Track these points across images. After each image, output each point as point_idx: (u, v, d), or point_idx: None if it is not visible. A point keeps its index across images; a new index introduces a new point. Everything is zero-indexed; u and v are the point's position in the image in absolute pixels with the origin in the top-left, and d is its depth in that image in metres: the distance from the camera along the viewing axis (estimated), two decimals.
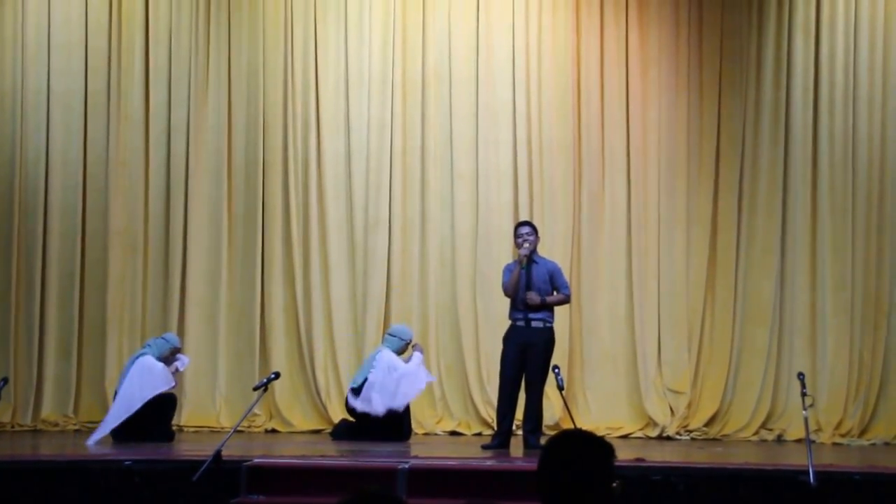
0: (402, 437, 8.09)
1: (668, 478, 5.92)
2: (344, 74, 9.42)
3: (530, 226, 7.55)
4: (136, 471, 6.07)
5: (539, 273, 7.36)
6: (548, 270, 7.41)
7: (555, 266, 7.55)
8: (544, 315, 7.33)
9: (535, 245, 7.45)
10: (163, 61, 9.44)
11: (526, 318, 7.30)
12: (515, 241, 7.57)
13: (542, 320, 7.32)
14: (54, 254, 9.32)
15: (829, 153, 9.00)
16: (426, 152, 9.35)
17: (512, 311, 7.43)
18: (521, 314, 7.33)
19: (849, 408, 8.72)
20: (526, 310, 7.29)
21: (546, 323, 7.33)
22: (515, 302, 7.36)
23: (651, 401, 8.95)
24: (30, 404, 9.12)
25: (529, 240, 7.37)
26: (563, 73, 9.33)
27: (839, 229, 8.92)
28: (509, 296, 7.45)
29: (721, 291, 9.10)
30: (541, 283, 7.33)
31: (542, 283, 7.34)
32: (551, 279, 7.39)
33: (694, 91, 9.25)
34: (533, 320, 7.30)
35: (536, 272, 7.35)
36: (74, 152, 9.40)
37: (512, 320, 7.43)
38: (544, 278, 7.36)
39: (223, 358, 9.25)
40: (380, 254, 9.26)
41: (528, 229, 7.45)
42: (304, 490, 5.95)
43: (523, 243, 7.36)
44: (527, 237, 7.37)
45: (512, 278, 7.36)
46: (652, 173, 9.24)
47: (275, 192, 9.38)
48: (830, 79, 9.01)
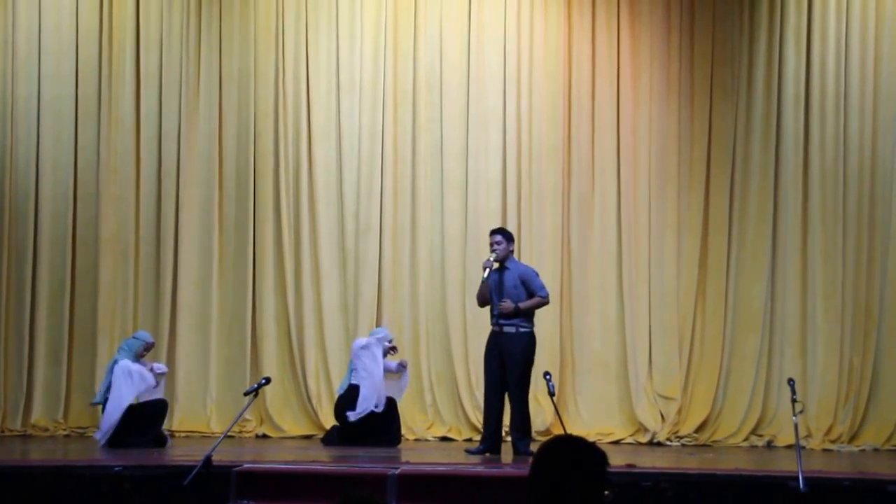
0: (392, 443, 8.09)
1: (658, 484, 5.92)
2: (335, 81, 9.44)
3: (501, 234, 7.50)
4: (127, 476, 6.07)
5: (509, 279, 7.35)
6: (518, 276, 7.38)
7: (527, 271, 7.49)
8: (517, 321, 7.31)
9: (506, 252, 7.40)
10: (154, 68, 9.44)
11: (499, 325, 7.32)
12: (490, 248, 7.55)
13: (515, 325, 7.30)
14: (45, 260, 9.31)
15: (819, 160, 9.03)
16: (417, 159, 9.37)
17: (490, 318, 7.46)
18: (495, 321, 7.37)
19: (839, 414, 8.74)
20: (499, 316, 7.30)
21: (519, 328, 7.30)
22: (491, 309, 7.39)
23: (642, 407, 8.96)
24: (20, 410, 9.10)
25: (497, 249, 7.36)
26: (553, 80, 9.35)
27: (830, 236, 8.95)
28: (480, 306, 7.53)
29: (712, 298, 9.12)
30: (511, 290, 7.32)
31: (512, 288, 7.33)
32: (524, 284, 7.35)
33: (685, 97, 9.28)
34: (505, 326, 7.30)
35: (507, 279, 7.35)
36: (65, 158, 9.39)
37: (491, 326, 7.46)
38: (515, 283, 7.34)
39: (214, 363, 9.24)
40: (370, 260, 9.27)
41: (498, 237, 7.43)
42: (293, 495, 5.95)
43: (493, 252, 7.37)
44: (496, 246, 7.37)
45: (480, 289, 7.41)
46: (642, 179, 9.26)
47: (266, 199, 9.38)
48: (821, 86, 9.05)
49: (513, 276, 7.35)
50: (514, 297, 7.28)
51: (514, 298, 7.28)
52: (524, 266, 7.61)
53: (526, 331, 7.33)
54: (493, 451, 7.30)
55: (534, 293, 7.36)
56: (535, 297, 7.36)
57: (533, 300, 7.36)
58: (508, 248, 7.42)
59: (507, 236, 7.47)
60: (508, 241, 7.44)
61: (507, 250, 7.41)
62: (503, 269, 7.39)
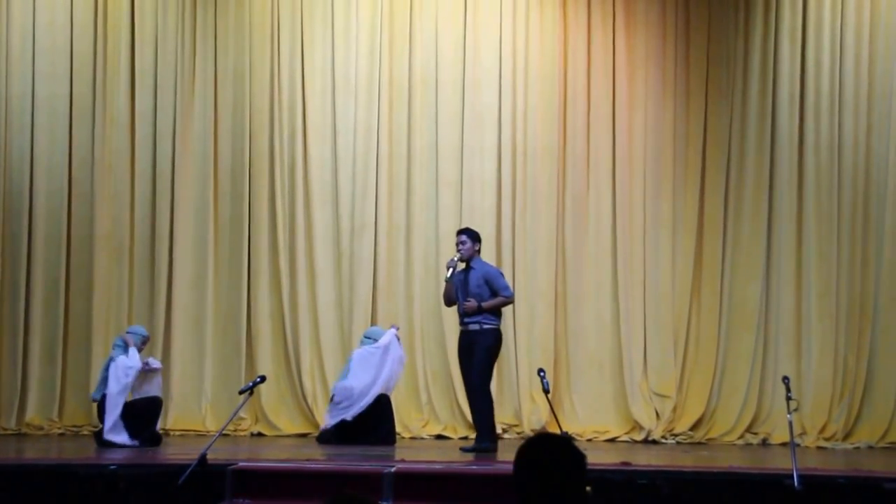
0: (386, 441, 8.09)
1: (653, 481, 5.93)
2: (330, 80, 9.43)
3: (466, 234, 7.53)
4: (122, 475, 6.05)
5: (473, 279, 7.39)
6: (482, 275, 7.41)
7: (490, 271, 7.51)
8: (480, 318, 7.34)
9: (471, 252, 7.43)
10: (148, 66, 9.42)
11: (465, 323, 7.40)
12: None
13: (479, 322, 7.34)
14: (39, 258, 9.29)
15: (814, 159, 9.05)
16: (412, 157, 9.37)
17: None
18: (461, 320, 7.44)
19: (833, 412, 8.76)
20: (464, 315, 7.38)
21: (483, 325, 7.34)
22: (458, 308, 7.46)
23: (637, 405, 8.97)
24: (14, 408, 9.08)
25: (462, 249, 7.40)
26: (549, 78, 9.36)
27: (824, 234, 8.97)
28: (446, 305, 7.63)
29: (707, 296, 9.13)
30: (475, 289, 7.35)
31: (476, 287, 7.36)
32: (487, 284, 7.38)
33: (680, 96, 9.29)
34: (470, 324, 7.36)
35: (471, 278, 7.39)
36: (59, 157, 9.38)
37: (459, 326, 7.56)
38: (479, 283, 7.38)
39: (209, 362, 9.23)
40: (366, 258, 9.27)
41: (462, 237, 7.48)
42: (289, 494, 5.94)
43: (459, 252, 7.41)
44: (460, 246, 7.42)
45: (445, 289, 7.48)
46: (637, 178, 9.27)
47: (261, 197, 9.38)
48: (816, 85, 9.07)
49: (477, 276, 7.40)
50: (478, 297, 7.32)
51: (479, 298, 7.32)
52: (488, 266, 7.64)
53: (490, 327, 7.36)
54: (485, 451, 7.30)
55: (497, 292, 7.39)
56: (498, 297, 7.38)
57: (496, 299, 7.38)
58: (473, 247, 7.46)
59: (471, 236, 7.51)
60: (473, 241, 7.48)
61: (473, 250, 7.45)
62: (468, 268, 7.43)
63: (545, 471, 2.49)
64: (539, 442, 2.57)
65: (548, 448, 2.54)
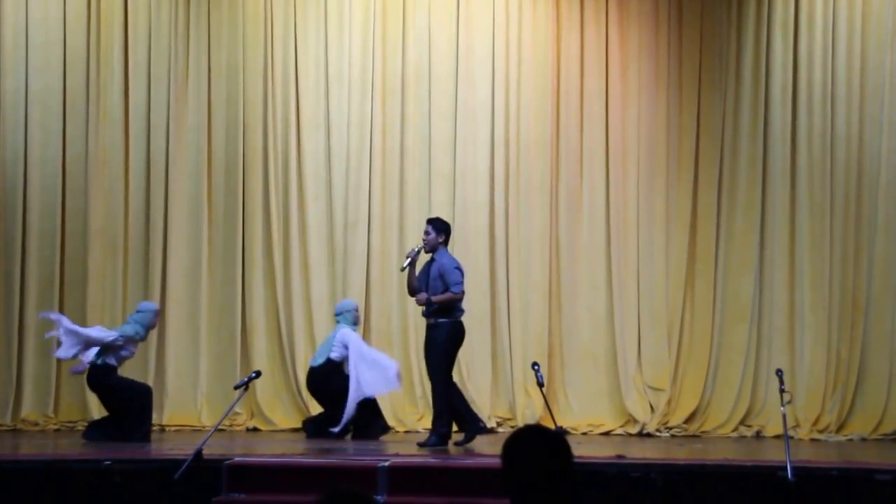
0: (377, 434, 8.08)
1: (647, 474, 5.96)
2: (324, 73, 9.42)
3: (432, 224, 7.49)
4: (117, 470, 6.06)
5: (433, 271, 7.38)
6: (439, 269, 7.36)
7: (447, 264, 7.39)
8: (436, 313, 7.33)
9: (435, 243, 7.39)
10: (142, 60, 9.40)
11: (425, 317, 7.41)
12: None
13: (434, 317, 7.34)
14: (34, 253, 9.28)
15: (807, 152, 9.07)
16: (405, 151, 9.37)
17: None
18: (423, 312, 7.43)
19: (826, 404, 8.79)
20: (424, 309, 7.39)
21: (438, 319, 7.32)
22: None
23: (631, 398, 9.00)
24: (9, 404, 9.08)
25: (425, 239, 7.38)
26: (542, 72, 9.36)
27: (817, 227, 8.99)
28: (410, 295, 7.60)
29: (700, 289, 9.15)
30: (435, 280, 7.34)
31: (435, 279, 7.35)
32: (441, 277, 7.35)
33: (673, 89, 9.30)
34: (428, 319, 7.38)
35: (432, 270, 7.37)
36: (53, 151, 9.36)
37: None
38: (436, 275, 7.36)
39: (204, 357, 9.23)
40: (359, 252, 9.27)
41: (428, 227, 7.45)
42: (285, 488, 5.96)
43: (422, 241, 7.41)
44: (424, 236, 7.40)
45: (408, 279, 7.45)
46: (631, 171, 9.29)
47: (255, 191, 9.37)
48: (809, 78, 9.08)
49: (436, 268, 7.37)
50: (434, 289, 7.30)
51: (434, 290, 7.30)
52: (448, 258, 7.49)
53: (445, 321, 7.32)
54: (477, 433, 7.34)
55: (448, 287, 7.33)
56: (447, 293, 7.31)
57: (445, 295, 7.31)
58: (438, 238, 7.40)
59: (437, 227, 7.44)
60: (438, 232, 7.41)
61: (437, 241, 7.40)
62: (431, 260, 7.40)
63: (531, 462, 2.52)
64: (524, 434, 2.60)
65: (533, 440, 2.57)
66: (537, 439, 2.58)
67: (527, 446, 2.56)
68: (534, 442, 2.57)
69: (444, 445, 7.29)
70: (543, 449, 2.55)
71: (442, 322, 7.32)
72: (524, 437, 2.59)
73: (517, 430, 2.66)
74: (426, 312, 7.37)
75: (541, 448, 2.55)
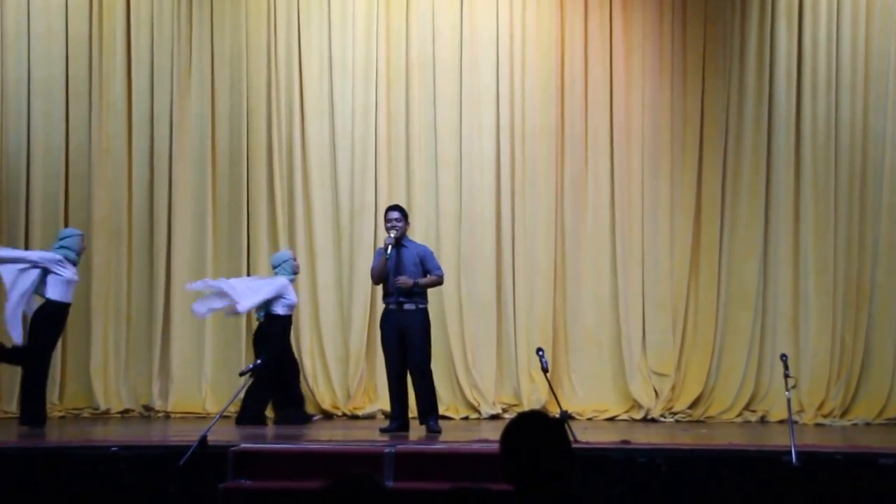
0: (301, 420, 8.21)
1: (652, 459, 5.97)
2: (328, 60, 9.40)
3: (400, 210, 7.49)
4: (123, 456, 6.08)
5: (409, 257, 7.37)
6: (417, 254, 7.40)
7: (425, 249, 7.51)
8: (417, 298, 7.35)
9: (404, 230, 7.42)
10: (145, 48, 9.39)
11: (398, 303, 7.35)
12: (385, 225, 7.51)
13: (415, 303, 7.34)
14: (37, 242, 9.26)
15: (811, 138, 9.05)
16: (410, 138, 9.35)
17: (384, 296, 7.46)
18: (392, 298, 7.37)
19: (831, 389, 8.79)
20: (398, 294, 7.33)
21: (419, 305, 7.35)
22: (387, 287, 7.39)
23: (636, 383, 9.00)
24: (15, 392, 9.08)
25: (398, 226, 7.37)
26: (546, 58, 9.34)
27: (822, 213, 8.98)
28: (375, 283, 7.53)
29: (705, 275, 9.15)
30: (411, 267, 7.34)
31: (412, 265, 7.35)
32: (422, 262, 7.38)
33: (678, 76, 9.28)
34: (405, 304, 7.33)
35: (406, 256, 7.37)
36: (56, 140, 9.36)
37: (385, 304, 7.46)
38: (414, 261, 7.37)
39: (209, 344, 9.24)
40: (365, 239, 9.27)
41: (397, 214, 7.43)
42: (290, 474, 5.97)
43: (391, 229, 7.36)
44: (395, 223, 7.38)
45: (377, 266, 7.40)
46: (636, 158, 9.27)
47: (259, 179, 9.36)
48: (813, 64, 9.05)
49: (412, 254, 7.39)
50: (413, 274, 7.31)
51: (414, 275, 7.31)
52: (420, 244, 7.61)
53: (424, 307, 7.38)
54: (404, 429, 7.35)
55: (430, 271, 7.39)
56: (431, 276, 7.39)
57: (430, 278, 7.39)
58: (405, 225, 7.44)
59: (405, 214, 7.50)
60: (405, 219, 7.46)
61: (405, 228, 7.43)
62: (401, 246, 7.39)
63: (531, 449, 2.53)
64: (523, 421, 2.60)
65: (532, 427, 2.58)
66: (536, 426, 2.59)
67: (526, 433, 2.56)
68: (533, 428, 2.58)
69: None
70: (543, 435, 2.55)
71: (422, 308, 7.37)
72: (523, 424, 2.60)
73: (516, 416, 2.66)
74: (402, 299, 7.29)
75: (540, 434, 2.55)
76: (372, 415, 8.96)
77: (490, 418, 8.88)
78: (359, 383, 9.14)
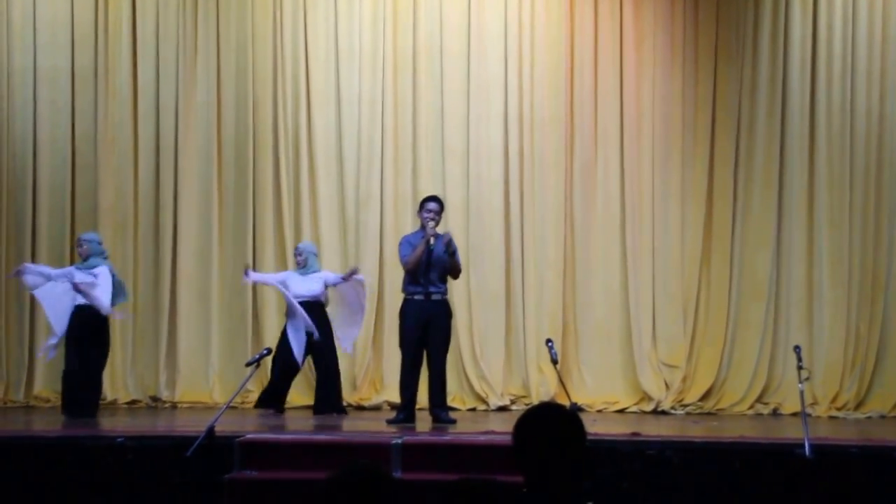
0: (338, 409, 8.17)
1: (663, 452, 5.90)
2: (334, 49, 9.33)
3: (438, 202, 7.48)
4: (129, 447, 6.05)
5: (440, 249, 7.36)
6: (445, 244, 7.40)
7: (450, 237, 7.52)
8: (444, 287, 7.39)
9: (438, 223, 7.43)
10: (150, 37, 9.34)
11: (426, 293, 7.33)
12: (421, 214, 7.46)
13: (441, 293, 7.36)
14: (43, 231, 9.27)
15: (826, 126, 8.93)
16: (417, 128, 9.27)
17: (408, 285, 7.40)
18: (420, 288, 7.34)
19: (845, 381, 8.70)
20: (426, 284, 7.29)
21: (444, 295, 7.40)
22: (415, 276, 7.34)
23: (646, 375, 8.92)
24: (22, 381, 9.10)
25: (437, 219, 7.36)
26: (555, 46, 9.24)
27: (836, 203, 8.87)
28: (410, 270, 7.40)
29: (717, 265, 9.05)
30: (442, 256, 7.34)
31: (443, 255, 7.35)
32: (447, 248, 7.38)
33: (689, 63, 9.16)
34: (433, 294, 7.33)
35: (438, 249, 7.36)
36: (62, 129, 9.33)
37: (408, 294, 7.40)
38: (443, 254, 7.37)
39: (216, 334, 9.21)
40: (372, 229, 9.20)
41: (436, 206, 7.41)
42: (297, 465, 5.93)
43: (430, 220, 7.31)
44: (435, 214, 7.36)
45: (416, 255, 7.31)
46: (646, 147, 9.17)
47: (265, 168, 9.31)
48: (828, 51, 8.93)
49: (441, 245, 7.39)
50: (441, 263, 7.35)
51: (442, 264, 7.36)
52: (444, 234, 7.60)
53: (447, 297, 7.43)
54: (411, 421, 7.30)
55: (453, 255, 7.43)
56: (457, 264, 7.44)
57: (458, 260, 7.45)
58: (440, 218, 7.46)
59: (442, 206, 7.52)
60: (442, 211, 7.48)
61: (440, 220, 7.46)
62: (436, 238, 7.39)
63: (544, 441, 2.49)
64: (537, 412, 2.57)
65: (546, 418, 2.54)
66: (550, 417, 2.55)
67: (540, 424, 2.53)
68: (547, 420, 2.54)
69: None
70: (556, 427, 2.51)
71: (446, 298, 7.44)
72: (537, 415, 2.56)
73: (530, 408, 2.63)
74: (432, 289, 7.31)
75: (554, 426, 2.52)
76: (378, 406, 8.90)
77: (497, 410, 8.82)
78: (365, 374, 9.08)
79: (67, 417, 7.63)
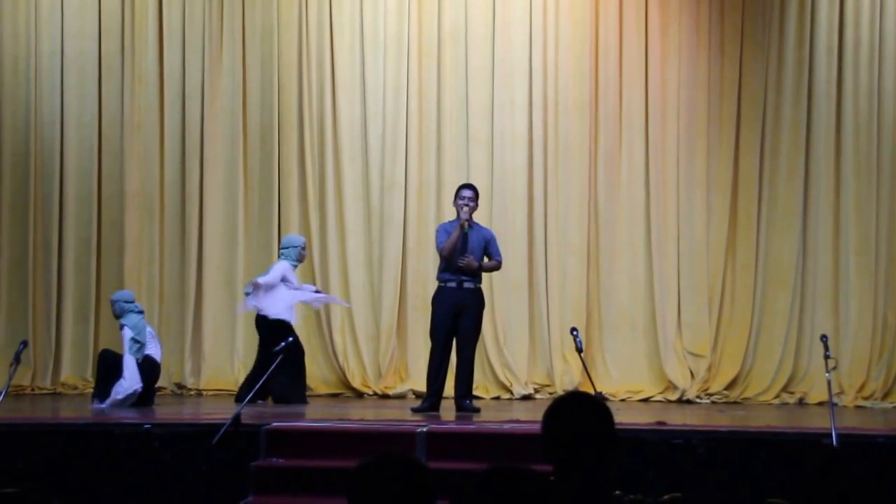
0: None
1: (689, 441, 5.89)
2: (359, 35, 9.31)
3: (473, 189, 7.46)
4: (156, 434, 6.09)
5: (475, 239, 7.35)
6: (483, 237, 7.40)
7: (490, 234, 7.54)
8: (476, 278, 7.36)
9: (474, 210, 7.40)
10: (176, 23, 9.36)
11: (458, 280, 7.32)
12: (456, 202, 7.45)
13: (474, 282, 7.35)
14: (71, 218, 9.33)
15: (853, 113, 8.84)
16: (442, 114, 9.25)
17: (442, 273, 7.40)
18: (452, 276, 7.33)
19: (872, 371, 8.63)
20: (459, 272, 7.29)
21: (476, 284, 7.37)
22: (449, 263, 7.33)
23: (671, 364, 8.89)
24: (49, 368, 9.17)
25: (471, 205, 7.34)
26: (580, 32, 9.18)
27: (863, 191, 8.78)
28: (445, 257, 7.38)
29: (742, 254, 8.99)
30: (476, 249, 7.33)
31: (477, 248, 7.34)
32: (486, 246, 7.39)
33: (715, 49, 9.08)
34: (465, 281, 7.32)
35: (473, 238, 7.35)
36: (89, 115, 9.37)
37: (441, 281, 7.40)
38: (480, 244, 7.36)
39: (241, 321, 9.22)
40: (396, 216, 9.20)
41: (471, 193, 7.40)
42: (322, 453, 5.96)
43: (464, 206, 7.31)
44: (469, 201, 7.34)
45: (451, 240, 7.30)
46: (671, 134, 9.11)
47: (290, 155, 9.32)
48: (855, 36, 8.83)
49: (478, 237, 7.40)
50: (477, 257, 7.34)
51: (478, 258, 7.34)
52: (485, 228, 7.66)
53: (481, 286, 7.42)
54: (436, 409, 7.30)
55: (491, 256, 7.44)
56: (492, 261, 7.45)
57: (491, 263, 7.46)
58: (476, 206, 7.43)
59: (477, 193, 7.48)
60: (477, 199, 7.45)
61: (476, 208, 7.43)
62: (468, 226, 7.36)
63: (574, 430, 2.50)
64: (567, 401, 2.58)
65: (576, 407, 2.55)
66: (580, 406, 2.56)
67: (570, 413, 2.53)
68: (577, 409, 2.55)
69: None
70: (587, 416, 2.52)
71: (479, 287, 7.41)
72: (567, 404, 2.57)
73: (560, 396, 2.63)
74: (463, 277, 7.31)
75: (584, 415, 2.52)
76: (403, 394, 8.92)
77: (522, 399, 8.82)
78: (390, 362, 9.10)
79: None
